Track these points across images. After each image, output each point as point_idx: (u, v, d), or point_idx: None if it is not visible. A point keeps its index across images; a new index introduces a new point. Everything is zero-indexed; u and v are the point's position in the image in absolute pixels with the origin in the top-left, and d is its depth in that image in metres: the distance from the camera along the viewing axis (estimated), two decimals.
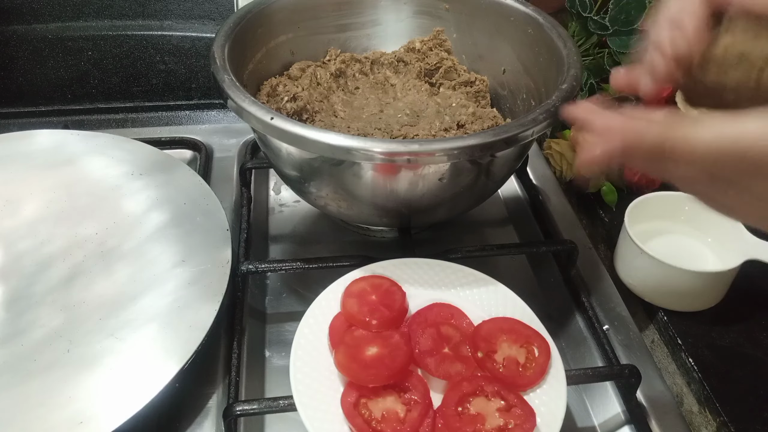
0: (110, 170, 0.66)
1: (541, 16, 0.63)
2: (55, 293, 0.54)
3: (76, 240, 0.59)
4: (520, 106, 0.67)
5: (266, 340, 0.58)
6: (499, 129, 0.49)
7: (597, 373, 0.52)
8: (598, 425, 0.53)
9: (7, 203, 0.63)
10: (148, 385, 0.46)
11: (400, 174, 0.51)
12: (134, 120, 0.85)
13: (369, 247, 0.68)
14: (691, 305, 0.60)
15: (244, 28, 0.62)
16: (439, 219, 0.65)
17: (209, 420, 0.50)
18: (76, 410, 0.45)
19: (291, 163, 0.55)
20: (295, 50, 0.70)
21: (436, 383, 0.45)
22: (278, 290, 0.63)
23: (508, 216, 0.74)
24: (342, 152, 0.47)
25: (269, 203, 0.74)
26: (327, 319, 0.49)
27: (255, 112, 0.50)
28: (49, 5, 0.82)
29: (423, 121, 0.64)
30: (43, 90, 0.84)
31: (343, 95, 0.69)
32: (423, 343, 0.47)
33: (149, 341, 0.50)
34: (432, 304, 0.50)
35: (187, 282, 0.55)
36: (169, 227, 0.60)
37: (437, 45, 0.72)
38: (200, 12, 0.85)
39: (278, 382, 0.55)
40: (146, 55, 0.85)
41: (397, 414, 0.43)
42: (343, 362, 0.44)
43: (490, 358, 0.46)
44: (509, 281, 0.53)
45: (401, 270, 0.53)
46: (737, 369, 0.55)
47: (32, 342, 0.50)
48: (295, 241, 0.70)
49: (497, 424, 0.42)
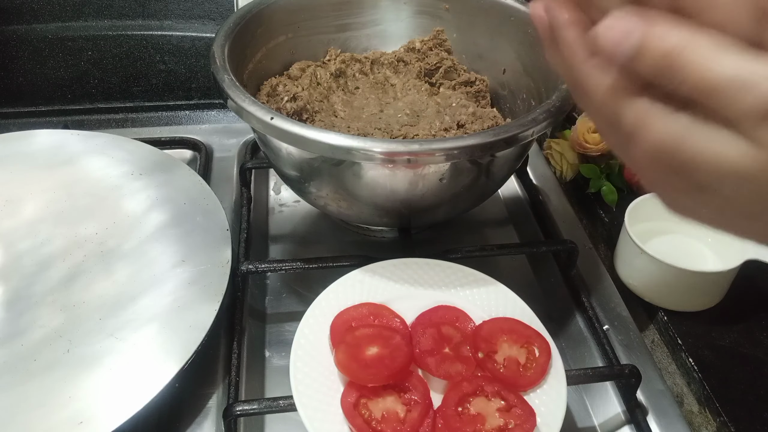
0: (110, 170, 0.66)
1: None
2: (55, 293, 0.54)
3: (76, 240, 0.59)
4: (520, 106, 0.67)
5: (266, 340, 0.58)
6: (499, 129, 0.49)
7: (597, 373, 0.52)
8: (598, 425, 0.53)
9: (7, 203, 0.63)
10: (148, 385, 0.46)
11: (400, 174, 0.51)
12: (134, 120, 0.85)
13: (369, 247, 0.68)
14: (691, 305, 0.60)
15: (244, 28, 0.62)
16: (439, 219, 0.65)
17: (209, 420, 0.50)
18: (76, 410, 0.45)
19: (291, 163, 0.55)
20: (294, 50, 0.70)
21: (436, 383, 0.45)
22: (278, 290, 0.63)
23: (508, 216, 0.74)
24: (342, 152, 0.47)
25: (269, 203, 0.74)
26: (327, 319, 0.48)
27: (255, 112, 0.50)
28: (49, 5, 0.82)
29: (423, 121, 0.64)
30: (43, 90, 0.84)
31: (343, 95, 0.69)
32: (423, 343, 0.47)
33: (149, 341, 0.50)
34: (437, 307, 0.50)
35: (187, 282, 0.55)
36: (169, 227, 0.60)
37: (437, 45, 0.72)
38: (200, 12, 0.85)
39: (278, 382, 0.55)
40: (146, 55, 0.85)
41: (397, 414, 0.43)
42: (344, 362, 0.44)
43: (491, 359, 0.46)
44: (509, 281, 0.53)
45: (401, 270, 0.53)
46: (737, 369, 0.55)
47: (32, 342, 0.50)
48: (295, 241, 0.70)
49: (497, 424, 0.42)
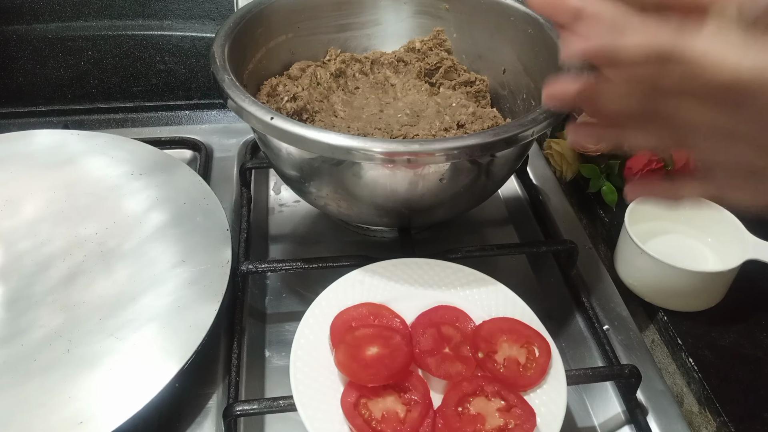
0: (110, 170, 0.66)
1: (541, 16, 0.63)
2: (55, 293, 0.54)
3: (76, 240, 0.59)
4: (520, 106, 0.67)
5: (266, 340, 0.58)
6: (499, 129, 0.49)
7: (597, 373, 0.51)
8: (598, 425, 0.53)
9: (7, 203, 0.63)
10: (148, 385, 0.46)
11: (400, 174, 0.51)
12: (134, 120, 0.85)
13: (369, 247, 0.68)
14: (691, 305, 0.60)
15: (244, 28, 0.61)
16: (439, 219, 0.65)
17: (209, 420, 0.50)
18: (76, 410, 0.45)
19: (291, 163, 0.55)
20: (294, 50, 0.70)
21: (436, 383, 0.45)
22: (278, 290, 0.63)
23: (508, 216, 0.74)
24: (342, 152, 0.47)
25: (269, 203, 0.74)
26: (327, 319, 0.48)
27: (255, 112, 0.50)
28: (49, 5, 0.82)
29: (423, 121, 0.64)
30: (43, 90, 0.84)
31: (343, 95, 0.69)
32: (423, 343, 0.47)
33: (149, 341, 0.50)
34: (437, 307, 0.50)
35: (187, 282, 0.55)
36: (169, 227, 0.60)
37: (437, 45, 0.72)
38: (200, 12, 0.85)
39: (278, 382, 0.55)
40: (146, 55, 0.85)
41: (397, 414, 0.43)
42: (344, 362, 0.44)
43: (491, 359, 0.46)
44: (509, 281, 0.53)
45: (401, 270, 0.53)
46: (737, 369, 0.55)
47: (32, 342, 0.50)
48: (295, 241, 0.70)
49: (497, 424, 0.42)
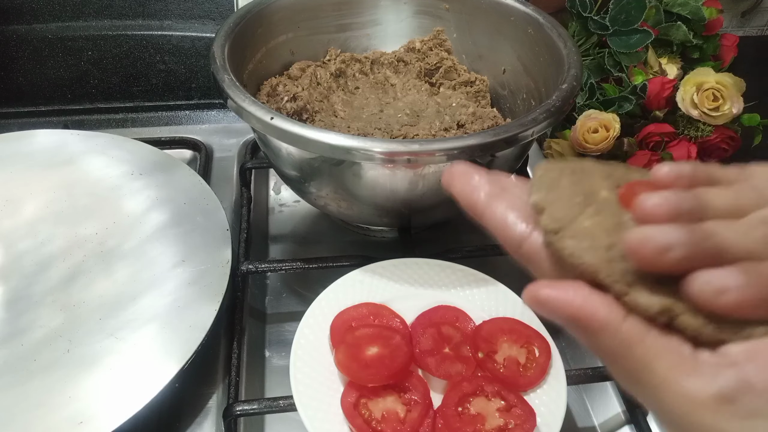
0: (110, 170, 0.66)
1: (542, 16, 0.63)
2: (55, 293, 0.54)
3: (76, 240, 0.59)
4: (520, 106, 0.67)
5: (266, 340, 0.58)
6: (499, 129, 0.49)
7: (597, 373, 0.51)
8: (598, 425, 0.53)
9: (7, 203, 0.63)
10: (148, 385, 0.46)
11: (400, 174, 0.51)
12: (134, 120, 0.85)
13: (369, 247, 0.68)
14: None
15: (244, 28, 0.61)
16: (439, 219, 0.65)
17: (209, 420, 0.50)
18: (76, 410, 0.45)
19: (291, 163, 0.55)
20: (295, 50, 0.70)
21: (436, 383, 0.45)
22: (278, 290, 0.63)
23: None
24: (342, 152, 0.47)
25: (269, 203, 0.74)
26: (327, 319, 0.48)
27: (255, 112, 0.50)
28: (49, 5, 0.82)
29: (423, 121, 0.64)
30: (43, 90, 0.84)
31: (343, 95, 0.69)
32: (423, 343, 0.47)
33: (149, 341, 0.50)
34: (437, 307, 0.50)
35: (187, 282, 0.55)
36: (169, 227, 0.60)
37: (437, 45, 0.72)
38: (200, 12, 0.85)
39: (278, 382, 0.55)
40: (146, 55, 0.85)
41: (397, 414, 0.43)
42: (344, 362, 0.44)
43: (491, 359, 0.46)
44: (509, 281, 0.53)
45: (401, 270, 0.53)
46: None
47: (32, 342, 0.50)
48: (295, 241, 0.70)
49: (497, 424, 0.42)
